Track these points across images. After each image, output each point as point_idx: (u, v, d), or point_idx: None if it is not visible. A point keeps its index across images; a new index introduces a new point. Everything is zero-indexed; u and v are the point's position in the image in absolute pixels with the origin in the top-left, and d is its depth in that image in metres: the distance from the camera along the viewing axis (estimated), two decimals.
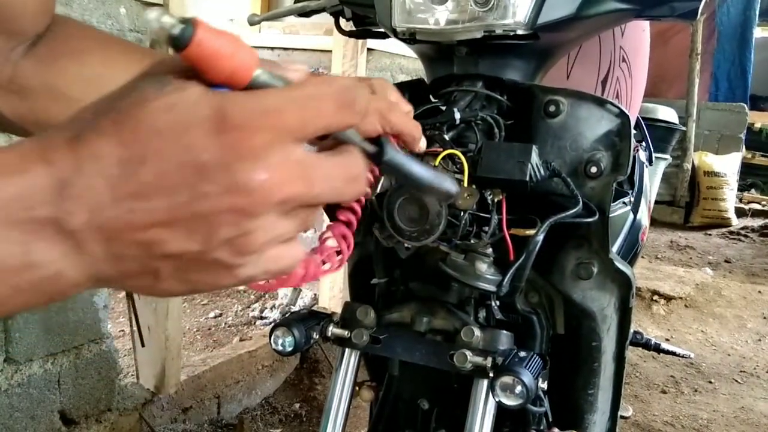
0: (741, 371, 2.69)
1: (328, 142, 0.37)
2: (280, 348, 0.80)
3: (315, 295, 2.72)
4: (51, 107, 0.57)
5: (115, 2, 1.42)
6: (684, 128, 4.49)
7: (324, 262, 0.44)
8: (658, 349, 1.56)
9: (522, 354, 0.74)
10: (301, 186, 0.32)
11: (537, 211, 0.75)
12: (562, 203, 0.75)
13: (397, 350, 0.80)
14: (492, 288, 0.74)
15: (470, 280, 0.74)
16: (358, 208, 0.48)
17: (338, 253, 0.46)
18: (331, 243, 0.46)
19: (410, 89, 0.87)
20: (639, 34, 1.14)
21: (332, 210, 0.49)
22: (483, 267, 0.75)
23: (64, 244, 0.31)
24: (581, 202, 0.73)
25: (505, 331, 0.77)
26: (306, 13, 1.01)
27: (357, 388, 0.87)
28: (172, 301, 1.73)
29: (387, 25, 0.81)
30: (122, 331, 2.37)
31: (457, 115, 0.76)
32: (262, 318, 2.72)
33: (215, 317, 2.74)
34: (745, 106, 5.96)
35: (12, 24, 0.54)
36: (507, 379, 0.70)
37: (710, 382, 2.57)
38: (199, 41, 0.29)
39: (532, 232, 0.73)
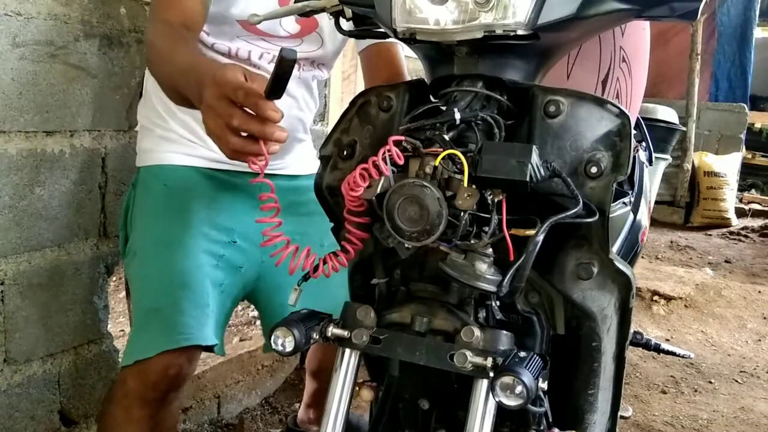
0: (741, 371, 2.68)
1: None
2: (280, 348, 0.80)
3: None
4: None
5: (116, 2, 1.42)
6: (684, 128, 4.49)
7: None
8: (658, 349, 1.56)
9: (522, 354, 0.74)
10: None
11: (537, 212, 0.75)
12: (562, 203, 0.75)
13: (397, 350, 0.80)
14: (492, 288, 0.74)
15: (470, 280, 0.74)
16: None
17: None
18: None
19: (410, 89, 0.87)
20: (639, 34, 1.14)
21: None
22: (483, 267, 0.75)
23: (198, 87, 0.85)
24: (581, 203, 0.73)
25: (505, 332, 0.77)
26: (306, 13, 1.01)
27: (357, 388, 0.87)
28: None
29: (387, 25, 0.81)
30: (122, 331, 2.36)
31: (457, 115, 0.76)
32: None
33: None
34: (745, 106, 5.95)
35: None
36: (507, 380, 0.70)
37: (710, 383, 2.56)
38: None
39: (532, 232, 0.73)
